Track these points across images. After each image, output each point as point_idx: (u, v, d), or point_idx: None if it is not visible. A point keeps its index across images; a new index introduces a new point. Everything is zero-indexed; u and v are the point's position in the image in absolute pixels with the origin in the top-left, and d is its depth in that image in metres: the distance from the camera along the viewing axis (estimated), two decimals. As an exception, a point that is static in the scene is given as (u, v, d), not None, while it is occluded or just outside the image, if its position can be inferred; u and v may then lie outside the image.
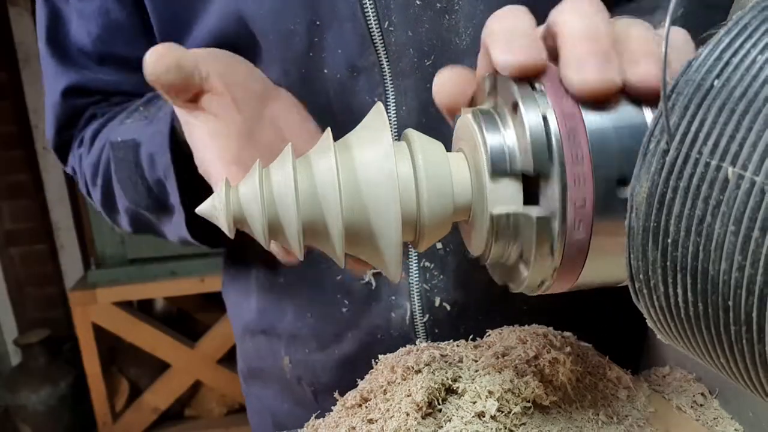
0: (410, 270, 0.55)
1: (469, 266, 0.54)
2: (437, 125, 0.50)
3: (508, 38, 0.29)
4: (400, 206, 0.30)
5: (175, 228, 0.54)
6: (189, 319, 2.17)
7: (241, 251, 0.64)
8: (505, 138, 0.30)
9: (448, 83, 0.34)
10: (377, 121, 0.32)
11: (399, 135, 0.51)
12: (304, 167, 0.32)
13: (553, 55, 0.30)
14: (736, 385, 0.21)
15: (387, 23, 0.49)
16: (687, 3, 0.36)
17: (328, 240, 0.32)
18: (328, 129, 0.33)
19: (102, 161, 0.56)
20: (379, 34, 0.49)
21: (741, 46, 0.19)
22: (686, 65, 0.20)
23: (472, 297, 0.55)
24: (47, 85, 0.59)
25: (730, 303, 0.18)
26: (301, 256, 0.33)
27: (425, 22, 0.49)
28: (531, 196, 0.29)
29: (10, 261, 2.25)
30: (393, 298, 0.55)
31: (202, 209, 0.33)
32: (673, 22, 0.28)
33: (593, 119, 0.28)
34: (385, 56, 0.49)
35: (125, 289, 1.88)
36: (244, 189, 0.32)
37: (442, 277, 0.55)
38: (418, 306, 0.55)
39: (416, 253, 0.54)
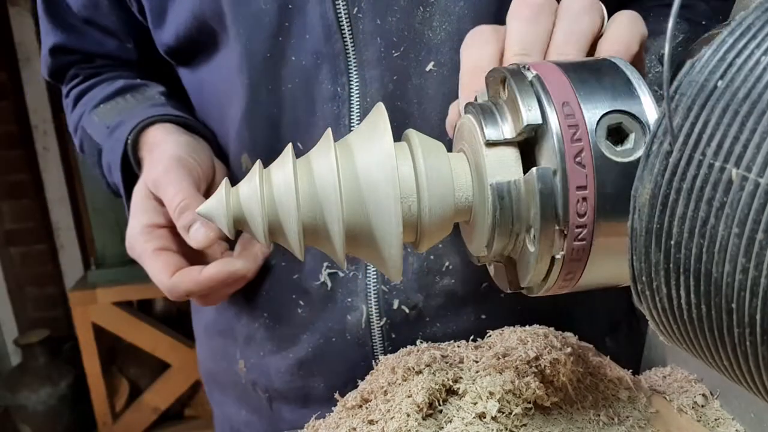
0: (368, 270, 0.53)
1: (432, 269, 0.53)
2: (402, 119, 0.49)
3: None
4: (400, 207, 0.30)
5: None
6: (189, 319, 2.17)
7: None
8: (499, 117, 0.30)
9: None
10: (378, 121, 0.32)
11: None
12: (305, 168, 0.32)
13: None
14: (738, 386, 0.21)
15: (356, 9, 0.47)
16: None
17: (328, 240, 0.32)
18: (329, 129, 0.33)
19: (79, 128, 0.61)
20: (347, 20, 0.48)
21: (745, 46, 0.18)
22: (689, 66, 0.20)
23: (433, 302, 0.53)
24: (42, 37, 0.63)
25: (734, 305, 0.18)
26: (301, 257, 0.33)
27: (396, 12, 0.47)
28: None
29: (10, 261, 2.25)
30: (349, 299, 0.54)
31: (202, 210, 0.33)
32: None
33: (578, 78, 0.29)
34: (352, 44, 0.48)
35: (125, 289, 1.88)
36: (244, 189, 0.32)
37: (402, 278, 0.52)
38: (375, 308, 0.53)
39: None
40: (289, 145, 0.33)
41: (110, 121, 0.58)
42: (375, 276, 0.53)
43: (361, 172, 0.31)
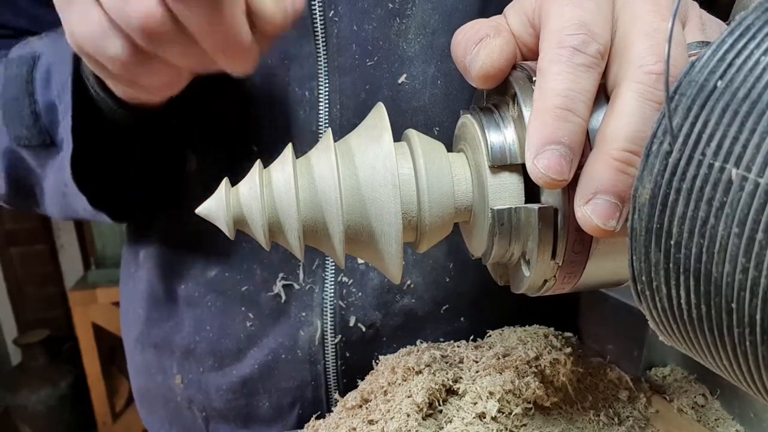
0: (325, 284, 0.51)
1: (392, 287, 0.51)
2: None
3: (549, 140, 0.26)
4: (400, 207, 0.30)
5: (57, 172, 0.46)
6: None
7: (140, 255, 0.59)
8: (506, 135, 0.30)
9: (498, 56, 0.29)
10: (378, 121, 0.32)
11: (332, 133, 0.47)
12: (305, 168, 0.32)
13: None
14: (738, 386, 0.21)
15: (332, 12, 0.46)
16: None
17: (328, 241, 0.32)
18: (329, 129, 0.33)
19: None
20: (322, 22, 0.46)
21: (744, 47, 0.18)
22: (689, 66, 0.20)
23: (391, 321, 0.52)
24: None
25: (734, 305, 0.18)
26: (301, 257, 0.33)
27: (373, 20, 0.46)
28: (533, 197, 0.29)
29: (10, 261, 2.25)
30: (303, 314, 0.51)
31: (201, 210, 0.32)
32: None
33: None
34: (324, 48, 0.47)
35: (125, 289, 1.88)
36: (244, 190, 0.32)
37: (360, 294, 0.51)
38: (330, 324, 0.51)
39: (334, 267, 0.51)
40: (289, 146, 0.33)
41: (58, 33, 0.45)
42: (333, 290, 0.51)
43: (361, 173, 0.31)
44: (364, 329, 0.51)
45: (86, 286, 1.89)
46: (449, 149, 0.34)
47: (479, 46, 0.29)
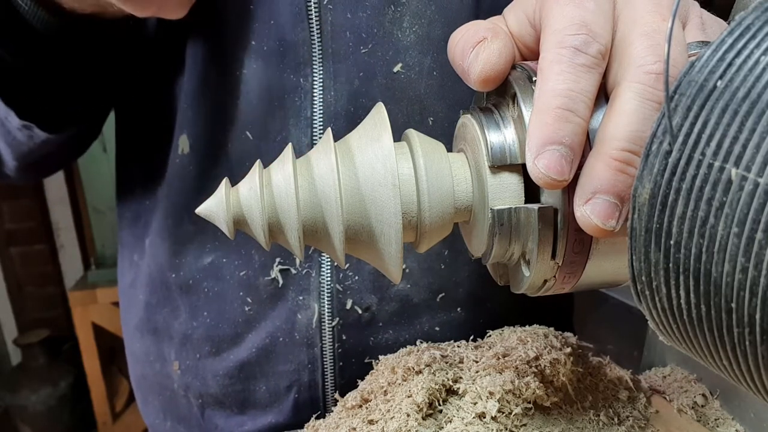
0: (322, 268, 0.52)
1: None
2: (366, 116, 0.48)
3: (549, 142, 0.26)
4: (400, 207, 0.30)
5: None
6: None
7: (136, 240, 0.59)
8: (506, 135, 0.30)
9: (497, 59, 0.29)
10: (378, 121, 0.32)
11: (324, 123, 0.49)
12: (305, 168, 0.32)
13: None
14: (738, 386, 0.21)
15: (326, 0, 0.46)
16: None
17: (328, 240, 0.32)
18: (329, 129, 0.33)
19: None
20: (317, 9, 0.47)
21: (744, 46, 0.18)
22: (689, 66, 0.20)
23: (387, 306, 0.52)
24: None
25: (733, 305, 0.18)
26: (301, 257, 0.33)
27: (367, 8, 0.47)
28: (532, 197, 0.29)
29: (10, 261, 2.25)
30: (301, 297, 0.52)
31: (201, 210, 0.32)
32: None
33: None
34: (318, 34, 0.47)
35: (125, 289, 1.88)
36: (244, 189, 0.32)
37: (357, 278, 0.52)
38: (328, 308, 0.52)
39: None
40: (289, 146, 0.33)
41: None
42: (329, 274, 0.52)
43: (361, 172, 0.31)
44: (360, 312, 0.52)
45: (86, 286, 1.89)
46: (447, 141, 0.34)
47: (477, 49, 0.29)
